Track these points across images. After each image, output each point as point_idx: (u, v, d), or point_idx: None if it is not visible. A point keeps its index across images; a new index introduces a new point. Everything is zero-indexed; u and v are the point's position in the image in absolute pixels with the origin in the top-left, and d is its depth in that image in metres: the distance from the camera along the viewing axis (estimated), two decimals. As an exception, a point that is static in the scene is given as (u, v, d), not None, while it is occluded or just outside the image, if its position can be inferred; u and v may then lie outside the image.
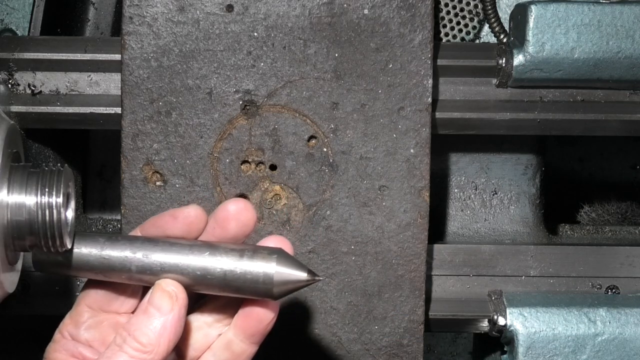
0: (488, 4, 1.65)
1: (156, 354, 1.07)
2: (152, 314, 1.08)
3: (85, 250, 1.11)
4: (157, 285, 1.09)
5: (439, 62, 1.48)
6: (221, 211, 1.11)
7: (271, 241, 1.11)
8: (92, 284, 1.14)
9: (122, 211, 1.40)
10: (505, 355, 1.52)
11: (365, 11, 1.39)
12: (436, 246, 1.56)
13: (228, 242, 1.10)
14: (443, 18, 1.74)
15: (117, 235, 1.12)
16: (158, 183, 1.40)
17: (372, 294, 1.43)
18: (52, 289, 1.52)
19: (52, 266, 1.13)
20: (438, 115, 1.48)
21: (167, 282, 1.09)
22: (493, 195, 1.68)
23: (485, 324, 1.52)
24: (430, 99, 1.41)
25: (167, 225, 1.12)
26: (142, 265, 1.09)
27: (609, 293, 1.56)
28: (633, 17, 1.47)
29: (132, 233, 1.15)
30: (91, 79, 1.48)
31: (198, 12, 1.38)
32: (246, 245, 1.09)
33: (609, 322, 1.48)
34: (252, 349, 1.12)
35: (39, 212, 1.09)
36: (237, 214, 1.10)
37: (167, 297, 1.08)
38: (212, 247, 1.09)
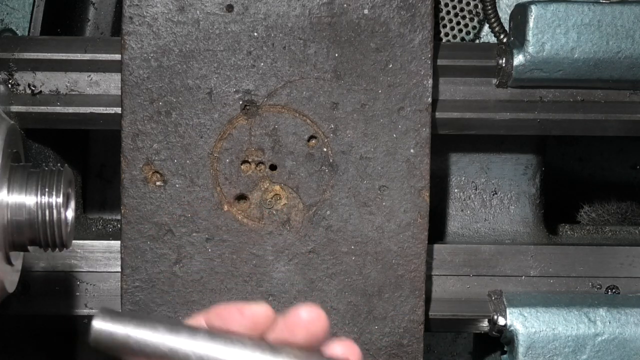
0: (488, 4, 1.65)
1: None
2: None
3: (142, 336, 1.01)
4: None
5: (439, 62, 1.48)
6: (292, 316, 1.03)
7: (339, 347, 1.03)
8: None
9: (122, 211, 1.40)
10: (505, 355, 1.52)
11: (365, 11, 1.39)
12: (436, 246, 1.56)
13: (295, 348, 1.02)
14: (443, 18, 1.74)
15: (178, 324, 1.03)
16: (158, 183, 1.40)
17: (372, 294, 1.43)
18: (52, 289, 1.52)
19: (109, 348, 1.06)
20: (438, 115, 1.48)
21: None
22: (493, 195, 1.67)
23: (485, 324, 1.52)
24: (430, 99, 1.41)
25: (233, 318, 1.06)
26: None
27: (609, 293, 1.56)
28: (633, 17, 1.47)
29: (195, 318, 1.06)
30: (91, 79, 1.48)
31: (198, 12, 1.38)
32: (312, 355, 1.02)
33: (609, 322, 1.48)
34: None
35: (39, 212, 1.09)
36: (308, 323, 1.02)
37: None
38: (275, 351, 1.02)
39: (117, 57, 1.40)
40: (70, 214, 1.16)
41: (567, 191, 1.91)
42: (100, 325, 0.99)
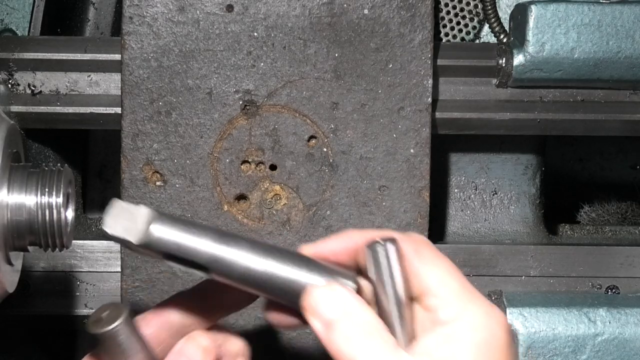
0: (488, 4, 1.65)
1: None
2: None
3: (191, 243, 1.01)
4: (191, 337, 1.06)
5: (439, 62, 1.48)
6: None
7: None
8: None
9: (122, 211, 1.40)
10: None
11: (365, 11, 1.39)
12: (436, 246, 1.55)
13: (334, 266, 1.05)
14: (443, 18, 1.74)
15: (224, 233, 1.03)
16: (158, 183, 1.40)
17: (372, 294, 1.43)
18: (52, 289, 1.52)
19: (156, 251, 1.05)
20: (438, 115, 1.48)
21: (201, 335, 1.06)
22: (493, 195, 1.67)
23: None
24: (430, 99, 1.41)
25: None
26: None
27: (609, 293, 1.56)
28: (633, 17, 1.47)
29: None
30: (91, 79, 1.48)
31: (198, 12, 1.38)
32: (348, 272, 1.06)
33: (609, 322, 1.48)
34: None
35: (39, 212, 1.09)
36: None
37: (201, 351, 1.06)
38: (315, 267, 1.04)
39: (117, 57, 1.40)
40: (70, 214, 1.15)
41: (567, 191, 1.91)
42: (156, 229, 0.97)
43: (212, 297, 1.08)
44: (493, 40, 1.67)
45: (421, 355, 0.97)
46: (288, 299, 1.03)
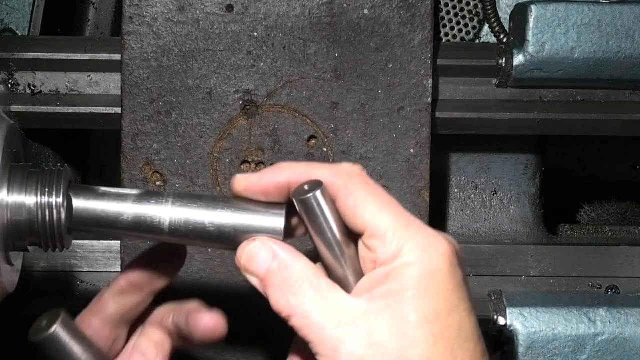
0: (488, 4, 1.65)
1: None
2: None
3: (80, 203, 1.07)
4: (143, 332, 1.10)
5: (439, 62, 1.48)
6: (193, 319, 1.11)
7: None
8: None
9: (122, 211, 1.40)
10: (505, 355, 1.52)
11: (365, 11, 1.39)
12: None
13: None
14: (443, 18, 1.74)
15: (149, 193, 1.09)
16: (158, 183, 1.40)
17: (372, 294, 1.43)
18: (52, 289, 1.52)
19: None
20: (438, 115, 1.48)
21: (154, 329, 1.10)
22: (493, 195, 1.67)
23: (485, 324, 1.52)
24: (430, 99, 1.41)
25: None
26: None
27: (609, 293, 1.56)
28: (633, 17, 1.47)
29: None
30: (91, 79, 1.48)
31: (198, 12, 1.38)
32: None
33: (609, 322, 1.48)
34: None
35: (39, 212, 1.09)
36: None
37: (153, 346, 1.08)
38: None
39: (117, 57, 1.40)
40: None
41: (567, 191, 1.91)
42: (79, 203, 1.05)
43: (141, 271, 1.11)
44: (493, 40, 1.67)
45: (360, 294, 0.98)
46: (221, 247, 1.06)
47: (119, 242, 1.42)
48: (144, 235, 1.07)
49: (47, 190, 1.09)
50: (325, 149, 1.41)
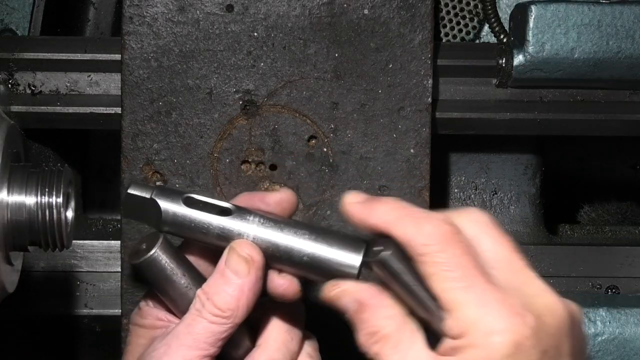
0: (488, 4, 1.65)
1: (235, 317, 1.07)
2: (229, 278, 1.08)
3: (169, 207, 1.10)
4: (232, 248, 1.09)
5: (439, 62, 1.48)
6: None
7: None
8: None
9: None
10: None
11: (365, 11, 1.39)
12: (436, 246, 1.55)
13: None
14: (443, 18, 1.74)
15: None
16: (158, 183, 1.40)
17: (372, 294, 1.43)
18: (52, 289, 1.52)
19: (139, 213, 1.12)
20: (438, 115, 1.48)
21: (242, 244, 1.09)
22: (493, 195, 1.67)
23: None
24: (430, 99, 1.41)
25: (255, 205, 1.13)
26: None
27: (609, 293, 1.56)
28: (633, 17, 1.47)
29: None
30: (91, 79, 1.48)
31: (198, 12, 1.38)
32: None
33: (609, 322, 1.48)
34: None
35: (39, 212, 1.09)
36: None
37: (243, 261, 1.08)
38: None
39: (117, 57, 1.40)
40: (70, 214, 1.16)
41: (567, 191, 1.91)
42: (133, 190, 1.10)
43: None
44: (493, 40, 1.67)
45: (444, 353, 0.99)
46: (291, 271, 1.09)
47: (119, 242, 1.42)
48: (222, 244, 1.10)
49: (47, 190, 1.09)
50: (325, 149, 1.41)
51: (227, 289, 1.07)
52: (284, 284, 1.10)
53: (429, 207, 1.42)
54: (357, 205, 1.08)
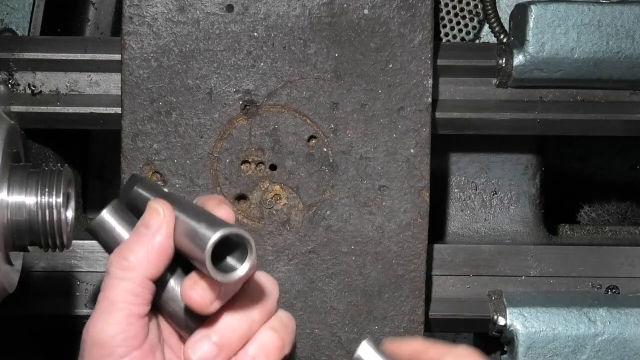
0: (488, 4, 1.65)
1: (146, 270, 1.06)
2: (143, 234, 1.07)
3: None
4: (149, 204, 1.09)
5: (439, 62, 1.48)
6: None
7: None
8: None
9: (122, 211, 1.40)
10: (505, 355, 1.52)
11: (365, 11, 1.39)
12: (436, 246, 1.56)
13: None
14: (443, 18, 1.74)
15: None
16: (158, 183, 1.40)
17: (372, 294, 1.43)
18: (52, 289, 1.52)
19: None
20: (438, 115, 1.48)
21: (157, 200, 1.08)
22: (493, 195, 1.67)
23: (485, 324, 1.52)
24: (430, 99, 1.41)
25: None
26: None
27: (609, 293, 1.56)
28: (633, 17, 1.47)
29: None
30: (91, 79, 1.48)
31: (198, 12, 1.38)
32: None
33: (609, 322, 1.48)
34: None
35: (39, 212, 1.09)
36: None
37: (155, 215, 1.07)
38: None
39: (117, 57, 1.40)
40: (70, 214, 1.16)
41: (567, 191, 1.91)
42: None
43: None
44: (493, 40, 1.67)
45: None
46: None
47: (119, 242, 1.42)
48: None
49: (47, 190, 1.09)
50: (325, 149, 1.41)
51: (139, 243, 1.07)
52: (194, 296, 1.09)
53: (428, 207, 1.43)
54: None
